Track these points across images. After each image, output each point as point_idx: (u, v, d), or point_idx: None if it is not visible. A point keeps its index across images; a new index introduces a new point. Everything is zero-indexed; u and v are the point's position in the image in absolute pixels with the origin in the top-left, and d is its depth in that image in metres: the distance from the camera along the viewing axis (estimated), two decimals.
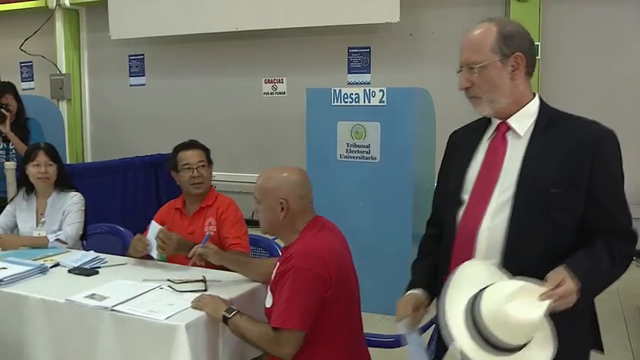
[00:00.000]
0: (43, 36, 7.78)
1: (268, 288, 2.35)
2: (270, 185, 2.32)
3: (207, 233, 2.85)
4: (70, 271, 2.86)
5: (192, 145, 3.32)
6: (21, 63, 8.26)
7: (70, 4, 7.49)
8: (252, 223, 3.26)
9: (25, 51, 7.89)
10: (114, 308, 2.31)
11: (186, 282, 2.59)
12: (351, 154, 4.57)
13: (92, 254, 3.10)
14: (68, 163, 7.04)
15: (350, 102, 4.57)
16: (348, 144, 4.58)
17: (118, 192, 5.06)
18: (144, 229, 3.16)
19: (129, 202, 5.06)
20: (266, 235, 2.58)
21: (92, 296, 2.44)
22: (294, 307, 2.16)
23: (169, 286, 2.56)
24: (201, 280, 2.57)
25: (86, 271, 2.84)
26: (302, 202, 2.32)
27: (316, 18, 6.17)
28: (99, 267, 2.92)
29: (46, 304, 2.49)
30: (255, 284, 2.65)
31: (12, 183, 4.47)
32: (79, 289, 2.54)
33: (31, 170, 3.59)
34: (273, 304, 2.24)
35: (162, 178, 5.33)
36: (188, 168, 3.23)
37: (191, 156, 3.26)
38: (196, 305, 2.35)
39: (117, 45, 7.20)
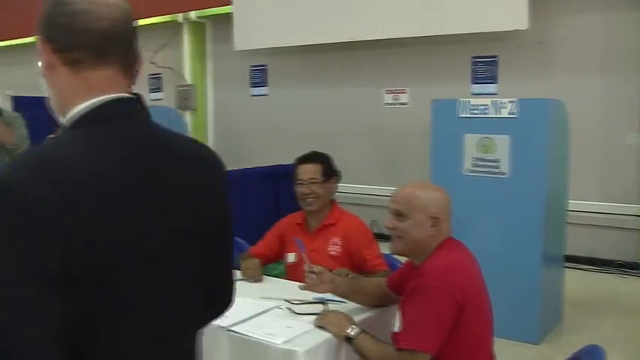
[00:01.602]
0: (171, 49, 8.02)
1: (397, 310, 2.18)
2: (421, 201, 2.17)
3: (298, 241, 2.68)
4: None
5: (308, 158, 3.18)
6: (150, 75, 8.53)
7: (197, 17, 7.66)
8: (375, 236, 3.12)
9: (155, 63, 8.15)
10: (231, 328, 2.21)
11: (305, 303, 2.46)
12: (477, 169, 4.31)
13: None
14: None
15: (477, 114, 4.32)
16: (474, 158, 4.33)
17: (236, 202, 5.02)
18: (258, 240, 3.09)
19: (248, 213, 5.02)
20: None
21: None
22: (422, 327, 2.01)
23: (288, 307, 2.44)
24: (322, 302, 2.43)
25: None
26: (448, 222, 2.21)
27: (440, 26, 5.95)
28: None
29: None
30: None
31: None
32: None
33: None
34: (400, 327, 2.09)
35: (282, 189, 5.27)
36: (300, 183, 3.12)
37: (304, 171, 3.12)
38: (320, 323, 2.24)
39: (240, 56, 7.27)
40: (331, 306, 2.41)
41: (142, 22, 8.10)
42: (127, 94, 1.20)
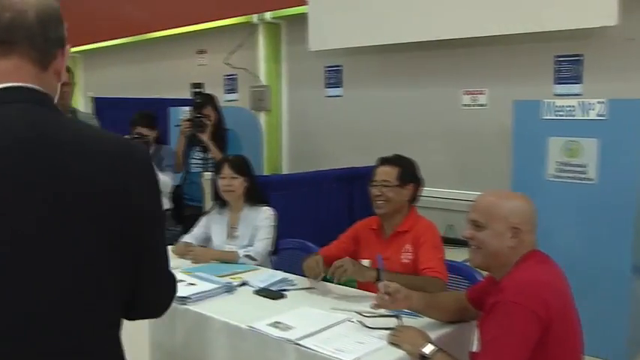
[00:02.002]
0: (246, 50, 8.02)
1: (476, 327, 2.03)
2: (501, 210, 2.03)
3: (379, 256, 2.54)
4: (256, 292, 2.73)
5: (387, 160, 3.05)
6: (225, 76, 8.56)
7: (272, 18, 7.63)
8: (450, 241, 2.96)
9: (230, 64, 8.17)
10: (298, 342, 2.11)
11: (378, 316, 2.33)
12: (562, 174, 4.08)
13: (280, 275, 2.96)
14: (265, 174, 7.15)
15: (563, 115, 4.09)
16: (559, 162, 4.10)
17: (310, 205, 4.95)
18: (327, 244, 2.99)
19: (321, 216, 4.94)
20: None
21: (276, 325, 2.27)
22: (502, 347, 1.86)
23: (359, 321, 2.32)
24: (396, 316, 2.30)
25: (272, 294, 2.69)
26: (532, 234, 2.05)
27: (521, 24, 5.69)
28: (286, 290, 2.76)
29: (229, 328, 2.36)
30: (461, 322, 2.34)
31: (209, 193, 4.52)
32: (264, 314, 2.39)
33: (219, 182, 3.56)
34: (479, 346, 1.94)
35: (356, 192, 5.16)
36: (373, 184, 3.00)
37: (380, 172, 3.01)
38: (393, 339, 2.11)
39: (314, 56, 7.19)
40: (405, 320, 2.28)
41: (217, 23, 8.18)
42: (22, 84, 1.26)
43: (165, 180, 4.51)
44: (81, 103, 10.58)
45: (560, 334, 1.89)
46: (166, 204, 4.65)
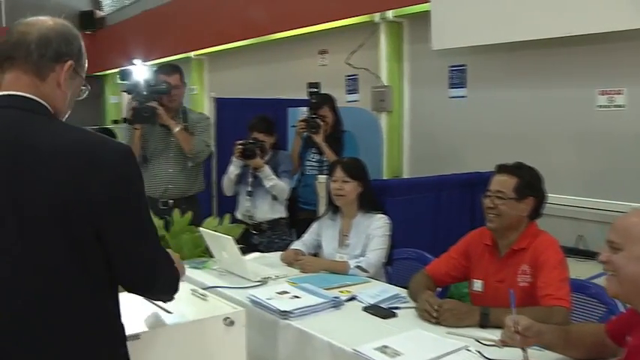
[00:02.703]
0: (367, 50, 7.84)
1: None
2: None
3: (511, 292, 2.15)
4: (364, 309, 2.53)
5: (505, 168, 2.70)
6: (346, 76, 8.43)
7: (394, 16, 7.40)
8: (581, 253, 2.61)
9: (351, 64, 8.02)
10: None
11: (499, 345, 2.05)
12: None
13: (392, 290, 2.74)
14: (384, 178, 6.94)
15: None
16: None
17: (429, 212, 4.67)
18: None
19: (441, 223, 4.65)
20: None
21: (384, 349, 2.05)
22: None
23: (478, 350, 2.05)
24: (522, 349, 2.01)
25: (382, 312, 2.48)
26: None
27: None
28: (397, 307, 2.54)
29: (332, 350, 2.17)
30: None
31: (323, 197, 4.36)
32: (371, 336, 2.19)
33: (331, 186, 3.38)
34: None
35: (478, 199, 4.83)
36: (487, 195, 2.69)
37: (495, 181, 2.68)
38: None
39: (437, 56, 6.88)
40: (531, 352, 1.99)
41: (338, 23, 8.06)
42: (18, 92, 1.55)
43: (282, 186, 4.38)
44: (205, 104, 10.80)
45: None
46: (282, 212, 4.54)
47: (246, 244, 4.25)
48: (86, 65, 1.76)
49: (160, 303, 2.10)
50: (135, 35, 14.18)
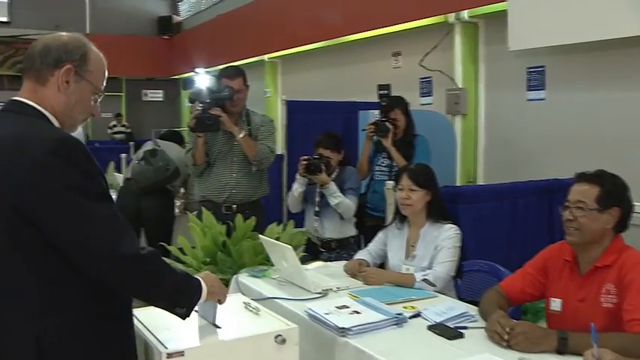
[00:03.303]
0: (441, 51, 7.63)
1: None
2: None
3: (592, 326, 1.91)
4: (429, 328, 2.35)
5: (585, 176, 2.46)
6: (420, 79, 8.24)
7: (469, 17, 7.15)
8: None
9: (425, 66, 7.82)
10: None
11: None
12: None
13: (461, 307, 2.54)
14: (458, 184, 6.71)
15: None
16: None
17: (504, 221, 4.41)
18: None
19: (516, 234, 4.38)
20: None
21: None
22: None
23: None
24: None
25: (448, 332, 2.29)
26: None
27: None
28: (465, 327, 2.34)
29: None
30: None
31: (392, 204, 4.19)
32: (435, 358, 2.02)
33: (397, 195, 3.21)
34: None
35: (557, 208, 4.55)
36: (565, 205, 2.45)
37: (574, 191, 2.43)
38: None
39: (515, 57, 6.60)
40: None
41: (411, 24, 7.87)
42: (18, 98, 1.77)
43: (347, 204, 4.25)
44: (278, 107, 10.78)
45: None
46: (352, 231, 4.41)
47: (315, 259, 4.16)
48: (98, 72, 1.85)
49: (208, 317, 2.00)
50: (209, 39, 14.37)
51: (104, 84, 1.88)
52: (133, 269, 1.69)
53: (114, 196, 5.67)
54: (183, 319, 1.83)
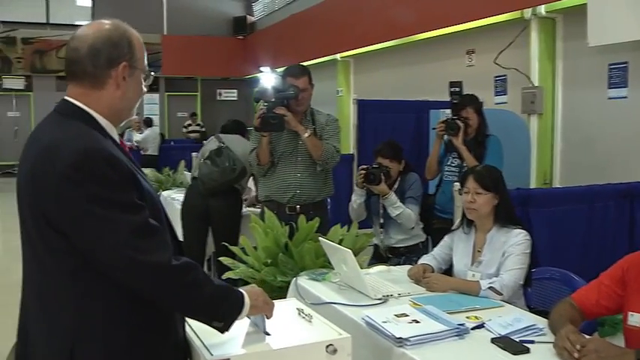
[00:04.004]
0: (516, 48, 7.39)
1: None
2: None
3: None
4: (493, 341, 2.21)
5: None
6: (495, 77, 8.02)
7: (546, 12, 6.89)
8: None
9: (499, 64, 7.60)
10: None
11: None
12: None
13: (528, 319, 2.39)
14: (533, 186, 6.48)
15: None
16: None
17: (579, 227, 4.18)
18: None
19: (592, 241, 4.15)
20: None
21: None
22: None
23: None
24: None
25: (513, 346, 2.14)
26: None
27: None
28: (532, 341, 2.20)
29: None
30: None
31: (459, 207, 4.04)
32: None
33: (462, 198, 3.08)
34: None
35: (639, 213, 4.29)
36: None
37: None
38: None
39: (595, 53, 6.32)
40: None
41: (486, 21, 7.67)
42: (68, 98, 1.76)
43: (407, 214, 4.15)
44: (350, 106, 10.73)
45: None
46: (420, 237, 4.32)
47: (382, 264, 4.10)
48: (142, 54, 1.82)
49: (259, 324, 1.94)
50: (282, 39, 14.44)
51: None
52: (164, 280, 1.66)
53: (181, 196, 5.77)
54: (222, 332, 1.78)
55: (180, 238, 5.14)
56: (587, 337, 2.11)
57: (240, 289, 1.85)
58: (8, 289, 1.83)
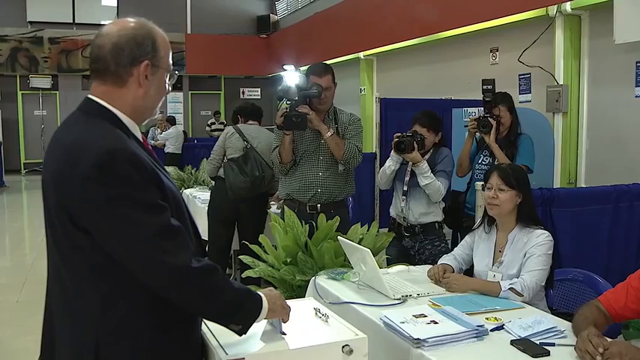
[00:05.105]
0: (541, 46, 7.30)
1: None
2: None
3: None
4: (512, 343, 2.18)
5: None
6: (520, 75, 7.93)
7: (572, 9, 6.80)
8: None
9: (524, 62, 7.52)
10: None
11: None
12: None
13: (549, 321, 2.34)
14: (557, 186, 6.39)
15: None
16: None
17: (604, 228, 4.09)
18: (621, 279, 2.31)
19: (617, 242, 4.07)
20: None
21: None
22: None
23: None
24: None
25: (533, 348, 2.11)
26: None
27: None
28: (552, 344, 2.16)
29: None
30: None
31: (481, 206, 3.99)
32: None
33: (485, 194, 3.04)
34: None
35: None
36: None
37: None
38: None
39: (621, 50, 6.22)
40: None
41: (510, 19, 7.59)
42: (91, 96, 1.77)
43: (436, 186, 4.05)
44: (373, 105, 10.70)
45: None
46: (437, 215, 4.23)
47: (398, 243, 4.12)
48: (167, 53, 1.82)
49: (275, 324, 1.93)
50: (305, 37, 14.43)
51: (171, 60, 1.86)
52: (182, 282, 1.65)
53: (202, 194, 5.77)
54: (240, 335, 1.78)
55: (204, 236, 5.23)
56: (610, 340, 2.07)
57: (259, 292, 1.84)
58: (42, 286, 1.83)
